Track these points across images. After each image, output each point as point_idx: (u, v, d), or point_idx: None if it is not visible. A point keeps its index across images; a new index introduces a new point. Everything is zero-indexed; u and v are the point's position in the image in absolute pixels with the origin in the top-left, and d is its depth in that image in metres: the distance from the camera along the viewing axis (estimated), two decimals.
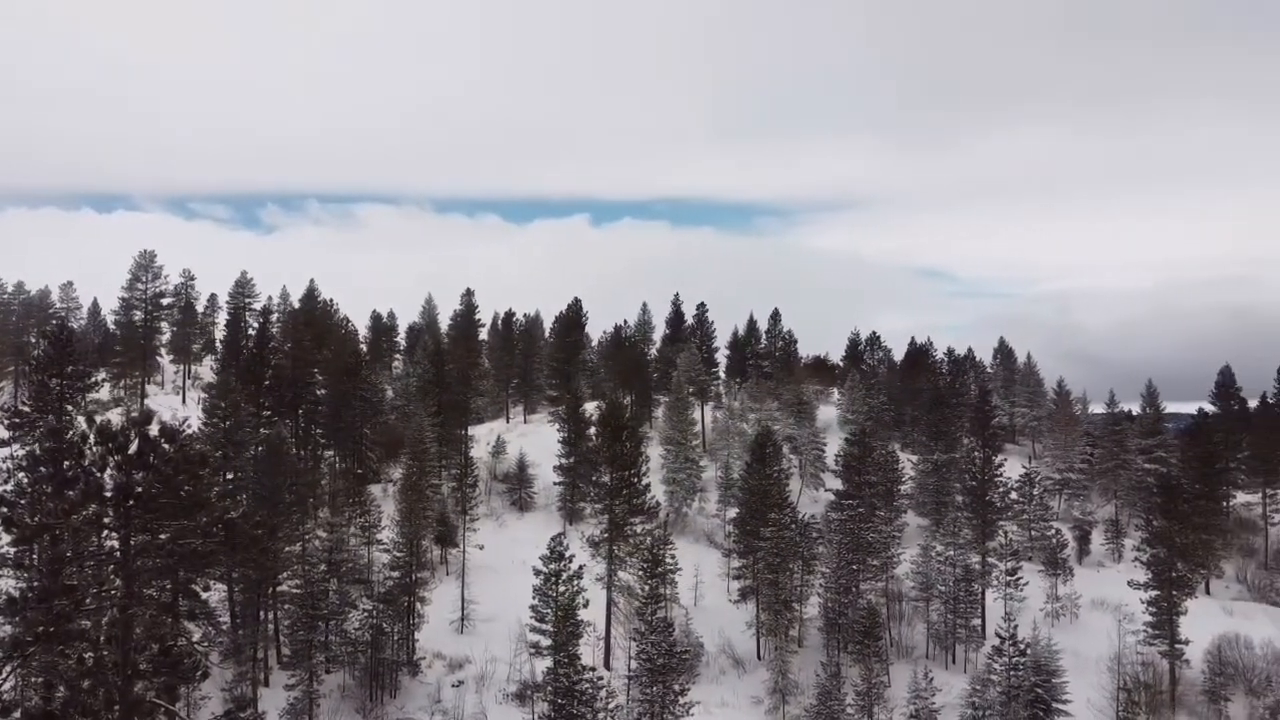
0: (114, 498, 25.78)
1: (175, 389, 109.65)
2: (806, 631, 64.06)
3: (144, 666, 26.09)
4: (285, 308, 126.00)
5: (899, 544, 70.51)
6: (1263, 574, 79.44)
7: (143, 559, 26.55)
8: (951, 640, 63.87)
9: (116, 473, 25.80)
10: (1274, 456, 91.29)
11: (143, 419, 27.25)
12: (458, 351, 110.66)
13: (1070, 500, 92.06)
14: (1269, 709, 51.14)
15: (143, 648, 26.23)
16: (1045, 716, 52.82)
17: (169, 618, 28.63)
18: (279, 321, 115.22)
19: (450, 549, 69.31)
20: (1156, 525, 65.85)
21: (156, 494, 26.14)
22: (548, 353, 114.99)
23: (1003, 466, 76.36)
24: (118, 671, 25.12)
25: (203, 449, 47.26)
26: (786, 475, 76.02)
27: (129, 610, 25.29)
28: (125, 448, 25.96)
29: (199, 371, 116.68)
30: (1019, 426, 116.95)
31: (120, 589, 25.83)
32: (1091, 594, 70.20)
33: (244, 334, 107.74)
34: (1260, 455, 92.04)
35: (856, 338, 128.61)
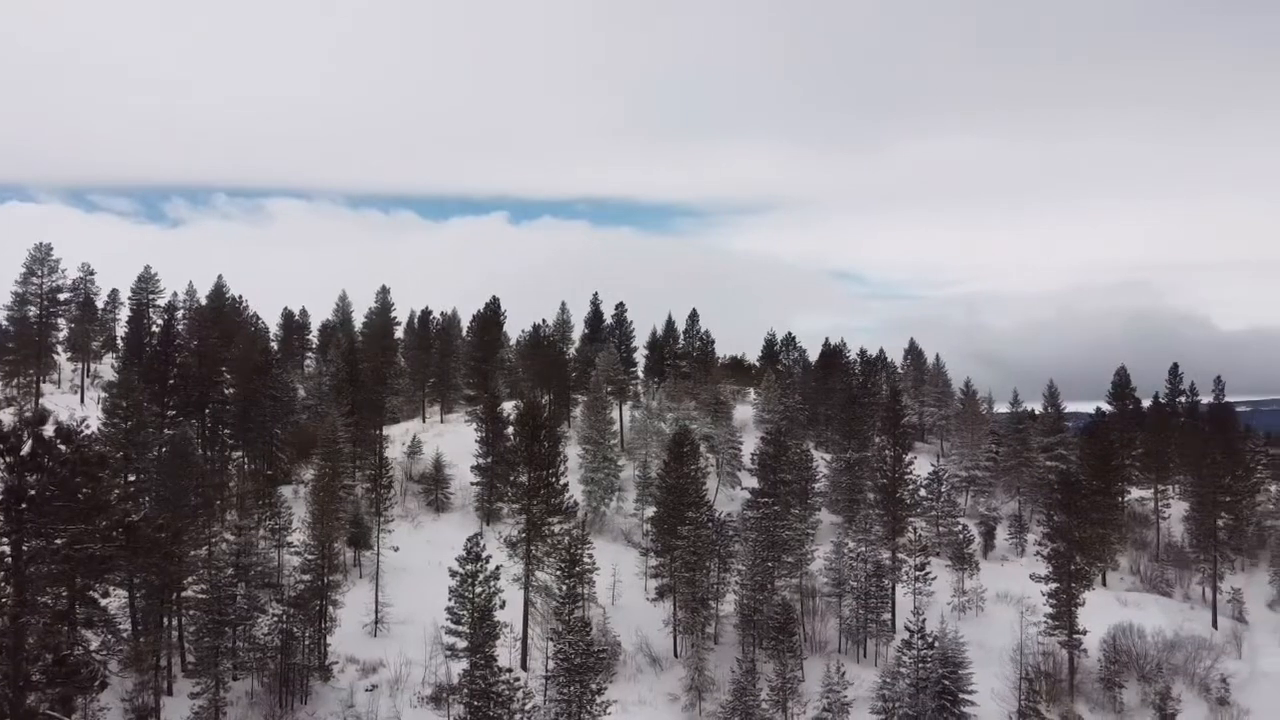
0: (4, 501, 24.68)
1: (73, 388, 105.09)
2: (723, 628, 64.74)
3: (37, 677, 25.05)
4: (191, 304, 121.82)
5: (813, 541, 71.75)
6: (1154, 566, 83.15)
7: (36, 565, 25.48)
8: (863, 634, 65.30)
9: (7, 475, 24.72)
10: (1165, 454, 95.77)
11: (36, 419, 26.20)
12: (372, 350, 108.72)
13: (976, 497, 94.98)
14: (1159, 694, 53.67)
15: (36, 658, 25.18)
16: (952, 707, 54.37)
17: (64, 626, 27.53)
18: (185, 318, 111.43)
19: (364, 551, 68.10)
20: (1057, 520, 68.38)
21: (51, 497, 25.13)
22: (465, 351, 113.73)
23: (912, 464, 78.34)
24: (9, 683, 24.04)
25: (102, 450, 45.56)
26: (704, 474, 76.64)
27: (20, 619, 24.23)
28: (17, 449, 24.91)
29: (99, 370, 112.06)
30: (928, 425, 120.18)
31: (11, 597, 24.72)
32: (996, 587, 72.57)
33: (147, 331, 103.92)
34: (1152, 453, 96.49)
35: (773, 338, 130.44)
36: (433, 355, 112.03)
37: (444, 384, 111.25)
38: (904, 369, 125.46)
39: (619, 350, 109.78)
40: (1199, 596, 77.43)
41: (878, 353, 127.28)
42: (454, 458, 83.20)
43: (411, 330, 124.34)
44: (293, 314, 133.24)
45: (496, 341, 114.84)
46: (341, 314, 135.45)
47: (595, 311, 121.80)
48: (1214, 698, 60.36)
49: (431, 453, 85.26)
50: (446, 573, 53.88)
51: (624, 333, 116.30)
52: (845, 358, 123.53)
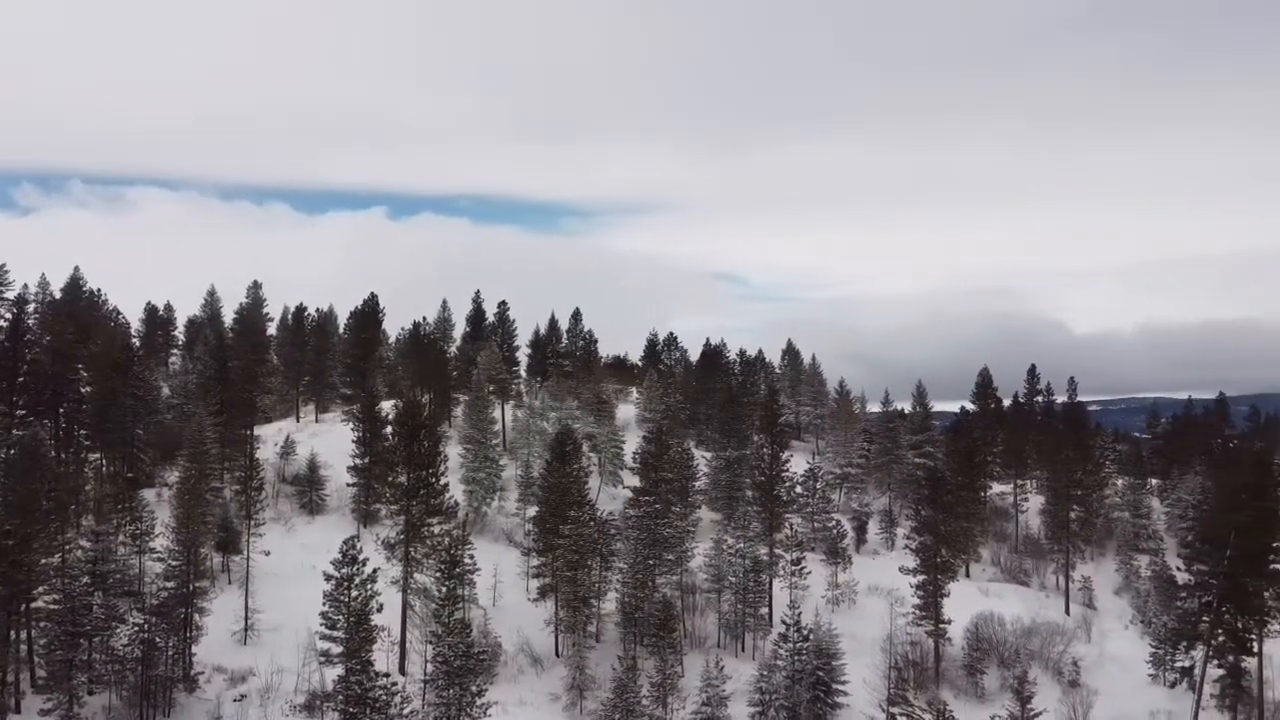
0: None
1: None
2: (604, 627, 64.98)
3: None
4: (44, 297, 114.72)
5: (693, 538, 72.74)
6: (1013, 557, 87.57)
7: None
8: (741, 629, 66.60)
9: None
10: (1023, 451, 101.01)
11: None
12: (243, 347, 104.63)
13: (849, 493, 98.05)
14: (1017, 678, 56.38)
15: None
16: (826, 697, 56.10)
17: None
18: (37, 312, 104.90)
19: (233, 556, 65.53)
20: (924, 515, 71.26)
21: None
22: (342, 349, 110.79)
23: (789, 462, 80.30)
24: None
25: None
26: (586, 473, 76.78)
27: None
28: None
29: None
30: (804, 424, 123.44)
31: None
32: (868, 580, 75.12)
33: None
34: (1012, 450, 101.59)
35: (655, 338, 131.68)
36: (308, 353, 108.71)
37: (319, 383, 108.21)
38: (782, 369, 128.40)
39: (501, 349, 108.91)
40: (1053, 585, 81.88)
41: (757, 353, 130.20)
42: (330, 458, 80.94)
43: (285, 327, 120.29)
44: (157, 309, 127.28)
45: (375, 339, 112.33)
46: (210, 309, 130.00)
47: (477, 310, 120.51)
48: (1066, 680, 64.01)
49: (306, 453, 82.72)
50: (321, 577, 52.37)
51: (506, 331, 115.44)
52: (725, 358, 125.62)
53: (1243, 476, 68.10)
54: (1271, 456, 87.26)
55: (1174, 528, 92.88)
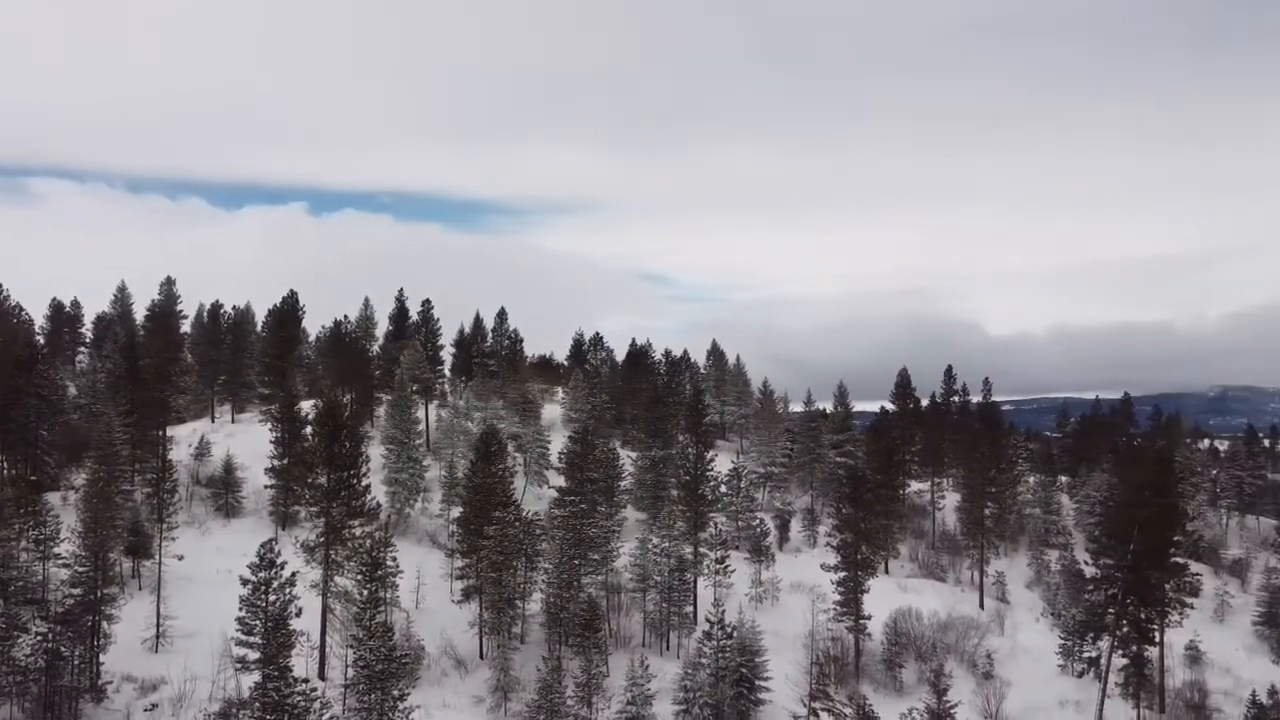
0: None
1: None
2: (529, 628, 64.68)
3: None
4: None
5: (619, 538, 72.90)
6: (931, 553, 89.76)
7: None
8: (666, 628, 66.97)
9: None
10: (940, 450, 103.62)
11: None
12: (155, 345, 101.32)
13: (773, 491, 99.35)
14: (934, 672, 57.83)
15: None
16: (749, 694, 56.75)
17: None
18: None
19: (144, 561, 63.45)
20: (845, 513, 72.61)
21: None
22: (260, 348, 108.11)
23: (714, 461, 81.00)
24: None
25: None
26: (511, 473, 76.33)
27: None
28: None
29: None
30: (729, 424, 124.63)
31: None
32: (791, 578, 76.23)
33: None
34: (930, 449, 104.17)
35: (581, 338, 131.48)
36: (224, 352, 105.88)
37: (236, 382, 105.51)
38: (707, 369, 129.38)
39: (425, 348, 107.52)
40: (969, 580, 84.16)
41: (682, 354, 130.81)
42: (247, 460, 78.95)
43: (200, 324, 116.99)
44: (63, 305, 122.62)
45: (294, 338, 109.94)
46: (120, 306, 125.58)
47: (400, 308, 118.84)
48: (980, 672, 65.88)
49: (222, 455, 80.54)
50: (237, 581, 51.00)
51: (430, 330, 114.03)
52: (651, 358, 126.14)
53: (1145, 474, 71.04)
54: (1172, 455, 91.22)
55: (1082, 523, 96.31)
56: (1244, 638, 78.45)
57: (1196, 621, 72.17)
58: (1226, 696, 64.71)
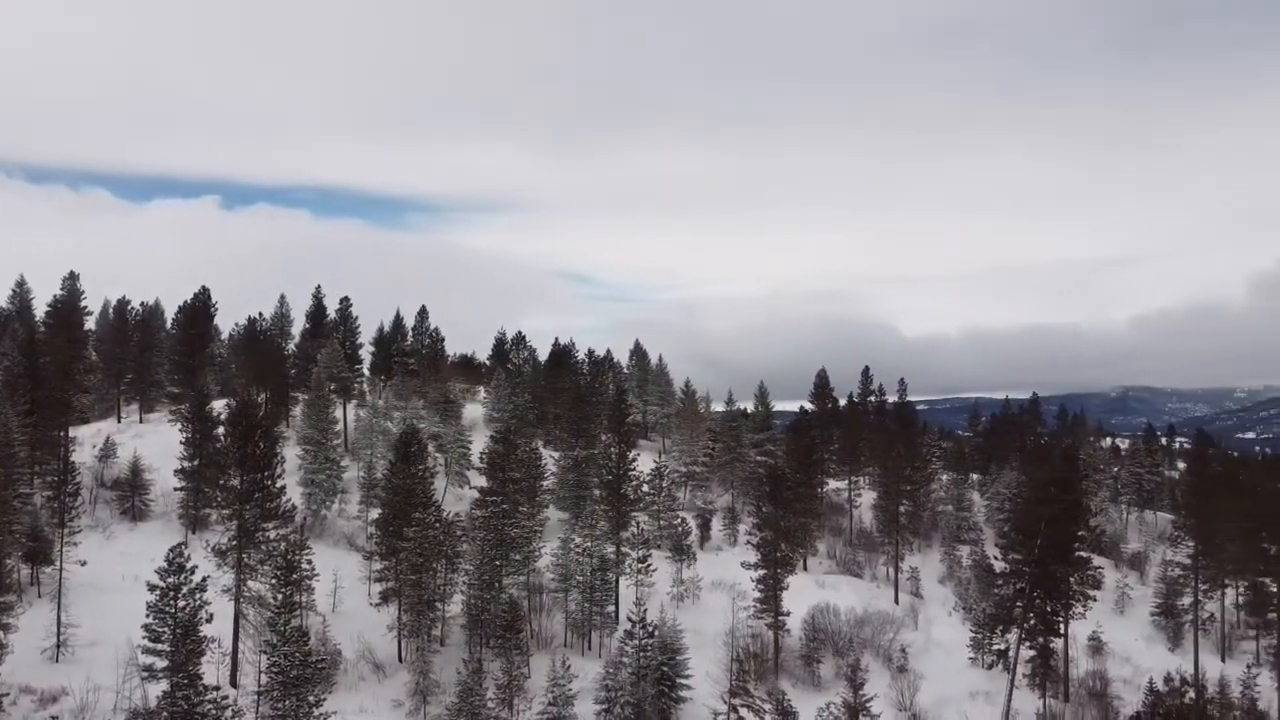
0: None
1: None
2: (450, 630, 64.01)
3: None
4: None
5: (541, 538, 72.61)
6: (848, 550, 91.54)
7: None
8: (588, 628, 66.96)
9: None
10: (857, 448, 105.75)
11: None
12: (57, 342, 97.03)
13: (694, 491, 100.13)
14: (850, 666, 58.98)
15: None
16: (670, 692, 57.11)
17: None
18: None
19: (44, 567, 60.88)
20: (765, 511, 73.60)
21: None
22: (170, 346, 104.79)
23: (636, 461, 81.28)
24: None
25: None
26: (432, 474, 75.41)
27: None
28: None
29: None
30: (651, 423, 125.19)
31: None
32: (712, 576, 76.95)
33: None
34: (847, 447, 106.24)
35: (503, 337, 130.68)
36: (131, 349, 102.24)
37: (144, 381, 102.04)
38: (630, 369, 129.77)
39: (343, 346, 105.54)
40: (884, 576, 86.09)
41: (605, 353, 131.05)
42: (155, 461, 76.39)
43: (106, 321, 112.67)
44: None
45: (206, 335, 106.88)
46: (19, 301, 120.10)
47: (318, 305, 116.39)
48: (895, 666, 67.46)
49: (128, 456, 77.78)
50: (144, 587, 49.28)
51: (349, 328, 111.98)
52: (574, 357, 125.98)
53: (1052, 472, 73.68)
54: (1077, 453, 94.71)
55: (992, 519, 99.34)
56: (1143, 628, 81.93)
57: (1099, 613, 75.08)
58: (1126, 684, 67.42)
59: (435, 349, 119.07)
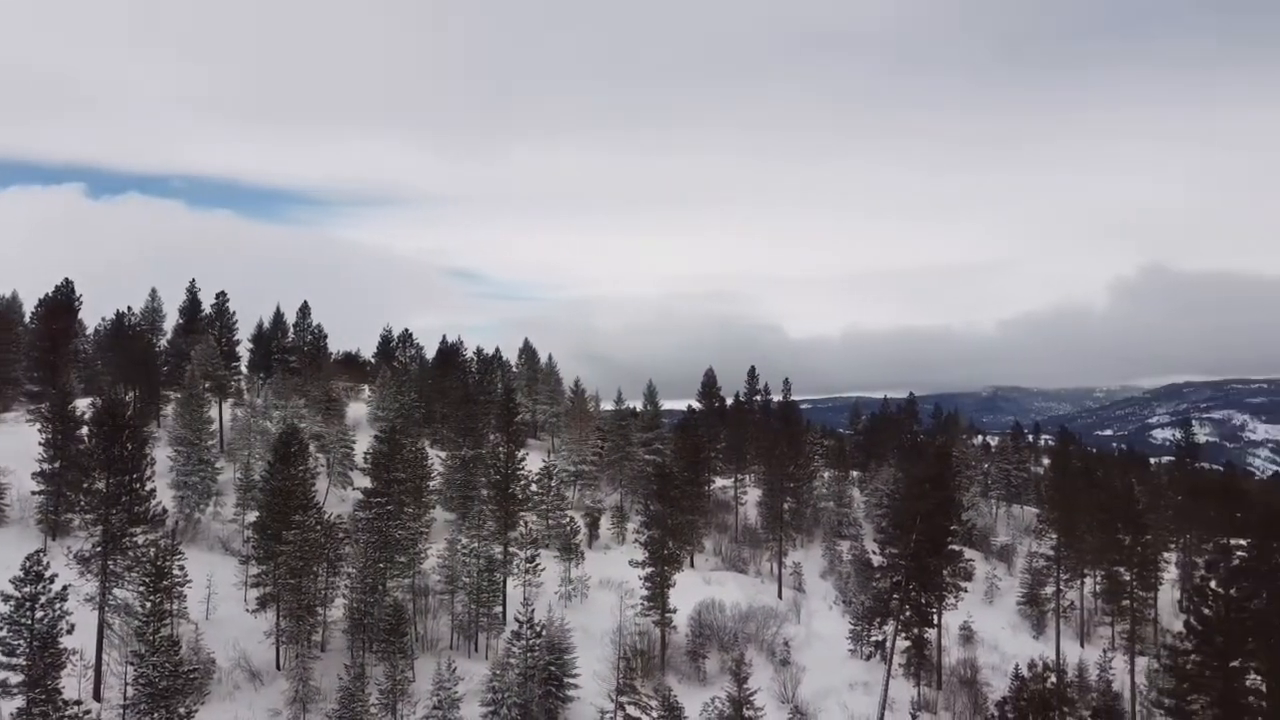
0: None
1: None
2: (331, 635, 62.40)
3: None
4: None
5: (426, 539, 71.56)
6: (733, 546, 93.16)
7: None
8: (475, 629, 66.27)
9: None
10: (743, 447, 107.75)
11: None
12: None
13: (583, 489, 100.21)
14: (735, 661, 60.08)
15: None
16: (558, 691, 57.05)
17: None
18: None
19: None
20: (653, 509, 74.26)
21: None
22: (28, 341, 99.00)
23: (525, 460, 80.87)
24: None
25: None
26: (313, 475, 73.43)
27: None
28: None
29: None
30: (540, 422, 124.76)
31: None
32: (600, 574, 77.16)
33: None
34: (733, 446, 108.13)
35: (389, 335, 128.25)
36: None
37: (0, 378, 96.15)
38: (519, 368, 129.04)
39: (220, 343, 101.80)
40: (768, 571, 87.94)
41: (494, 352, 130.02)
42: (11, 463, 71.89)
43: None
44: None
45: (69, 330, 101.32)
46: None
47: (192, 300, 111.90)
48: (778, 659, 69.01)
49: None
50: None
51: (226, 324, 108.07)
52: (462, 356, 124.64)
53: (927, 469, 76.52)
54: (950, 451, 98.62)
55: (871, 515, 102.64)
56: (1009, 616, 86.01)
57: (969, 603, 78.52)
58: (994, 671, 70.59)
59: (317, 346, 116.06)
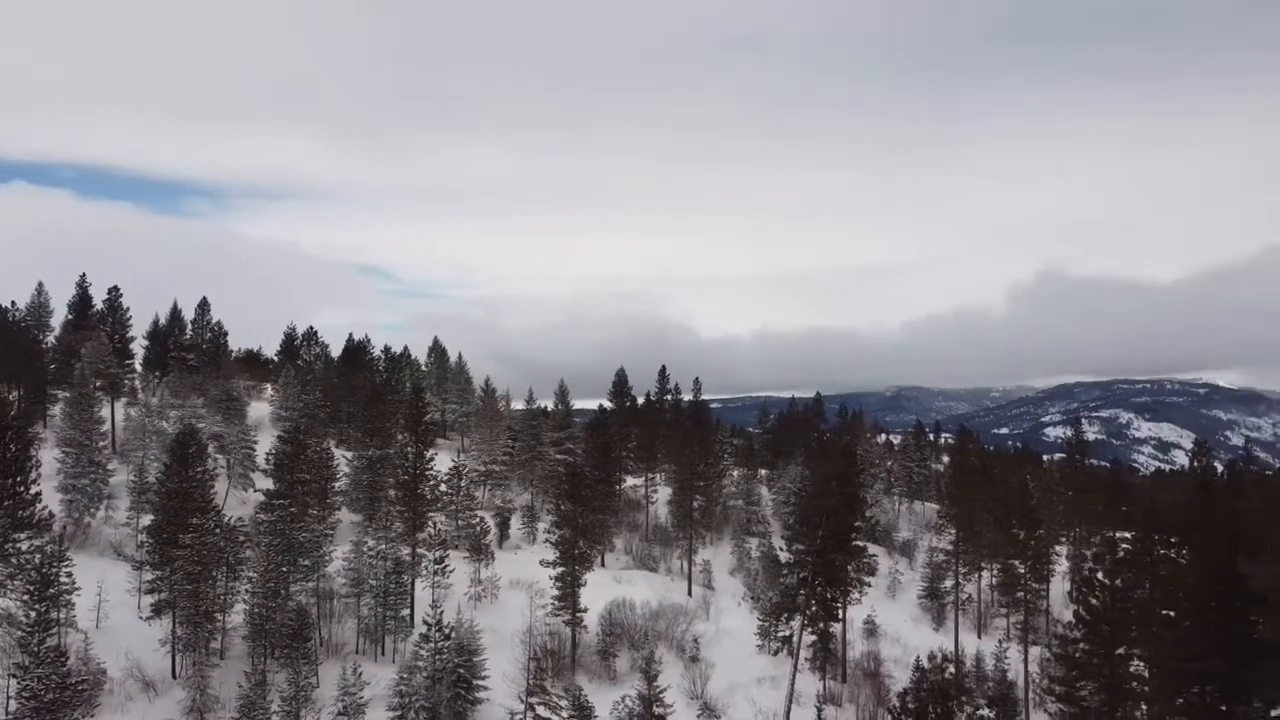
0: None
1: None
2: (231, 641, 60.53)
3: None
4: None
5: (332, 542, 70.05)
6: (644, 545, 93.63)
7: None
8: (382, 633, 65.11)
9: None
10: (654, 446, 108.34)
11: None
12: None
13: (493, 489, 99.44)
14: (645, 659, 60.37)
15: None
16: (467, 694, 56.46)
17: None
18: None
19: None
20: (564, 509, 74.06)
21: None
22: None
23: (434, 460, 79.81)
24: None
25: None
26: (212, 476, 71.11)
27: None
28: None
29: None
30: (450, 422, 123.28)
31: None
32: (510, 575, 76.64)
33: None
34: (645, 445, 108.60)
35: (293, 332, 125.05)
36: None
37: None
38: (428, 366, 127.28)
39: (112, 340, 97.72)
40: (679, 569, 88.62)
41: (403, 350, 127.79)
42: None
43: None
44: None
45: None
46: None
47: (83, 295, 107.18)
48: (688, 656, 69.60)
49: None
50: None
51: (118, 320, 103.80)
52: (370, 354, 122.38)
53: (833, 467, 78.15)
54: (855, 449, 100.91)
55: (779, 513, 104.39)
56: (911, 610, 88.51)
57: (873, 598, 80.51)
58: (896, 663, 72.54)
59: (217, 344, 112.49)
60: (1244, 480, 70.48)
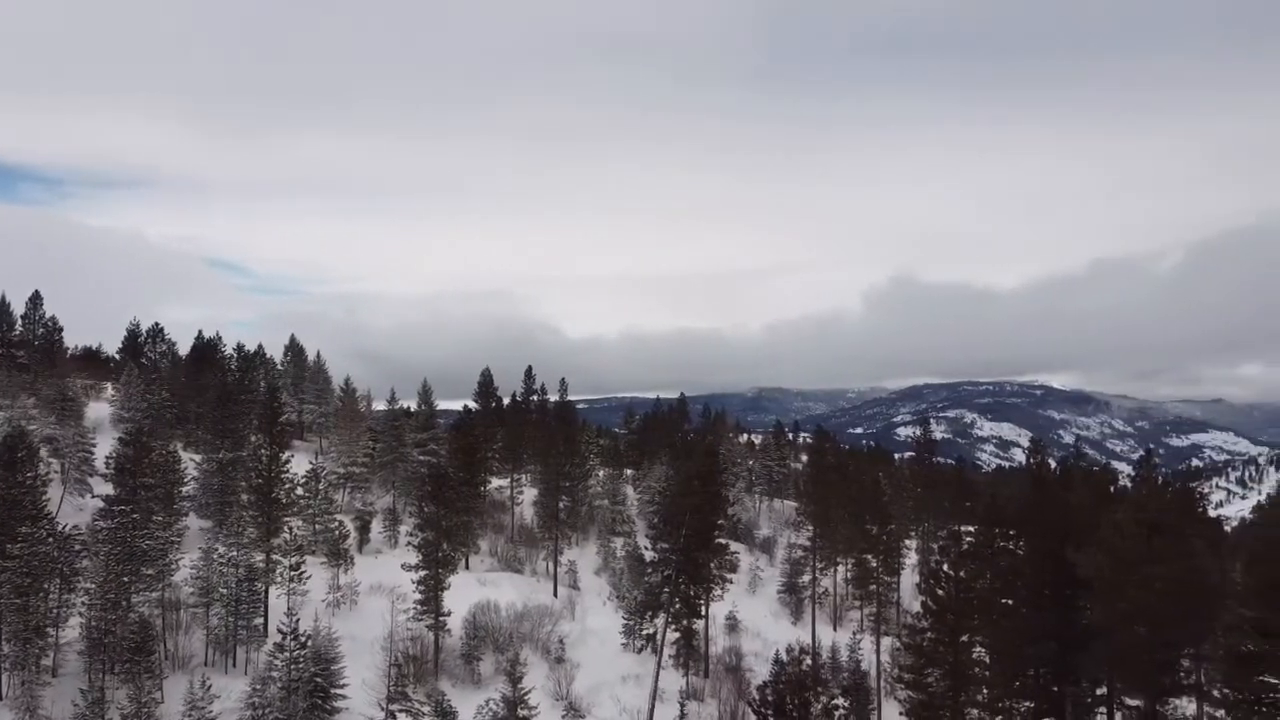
0: None
1: None
2: (65, 658, 56.81)
3: None
4: None
5: (178, 549, 66.75)
6: (509, 546, 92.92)
7: None
8: (233, 643, 62.42)
9: None
10: (520, 447, 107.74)
11: None
12: None
13: (353, 492, 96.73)
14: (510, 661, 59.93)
15: None
16: (324, 703, 54.72)
17: None
18: None
19: None
20: (427, 511, 72.75)
21: None
22: None
23: (290, 463, 77.01)
24: None
25: None
26: (45, 481, 66.68)
27: None
28: None
29: None
30: (308, 423, 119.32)
31: None
32: (370, 580, 74.74)
33: None
34: (510, 446, 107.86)
35: (136, 329, 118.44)
36: None
37: None
38: (284, 365, 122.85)
39: None
40: (544, 570, 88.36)
41: (257, 348, 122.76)
42: None
43: None
44: None
45: None
46: None
47: None
48: (554, 657, 69.51)
49: None
50: None
51: None
52: (221, 352, 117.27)
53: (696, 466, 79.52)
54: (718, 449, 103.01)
55: (644, 512, 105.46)
56: (771, 605, 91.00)
57: (734, 594, 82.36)
58: (757, 657, 74.43)
59: (51, 340, 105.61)
60: (1073, 476, 75.50)
